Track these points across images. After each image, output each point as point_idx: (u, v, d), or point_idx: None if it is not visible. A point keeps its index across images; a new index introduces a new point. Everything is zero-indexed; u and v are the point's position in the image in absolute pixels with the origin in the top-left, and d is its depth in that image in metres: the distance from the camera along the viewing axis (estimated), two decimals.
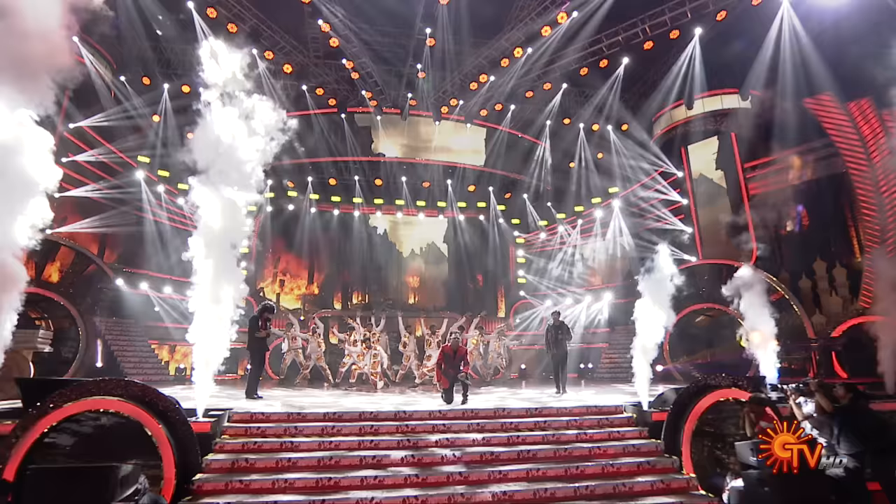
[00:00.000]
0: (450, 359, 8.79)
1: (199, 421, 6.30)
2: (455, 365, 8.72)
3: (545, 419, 7.39)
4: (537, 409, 7.71)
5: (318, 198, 22.08)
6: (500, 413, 7.53)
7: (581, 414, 7.73)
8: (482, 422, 7.21)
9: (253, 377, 9.28)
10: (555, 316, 10.91)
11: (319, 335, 13.89)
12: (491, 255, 23.18)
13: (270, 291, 22.05)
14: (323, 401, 9.29)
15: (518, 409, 7.72)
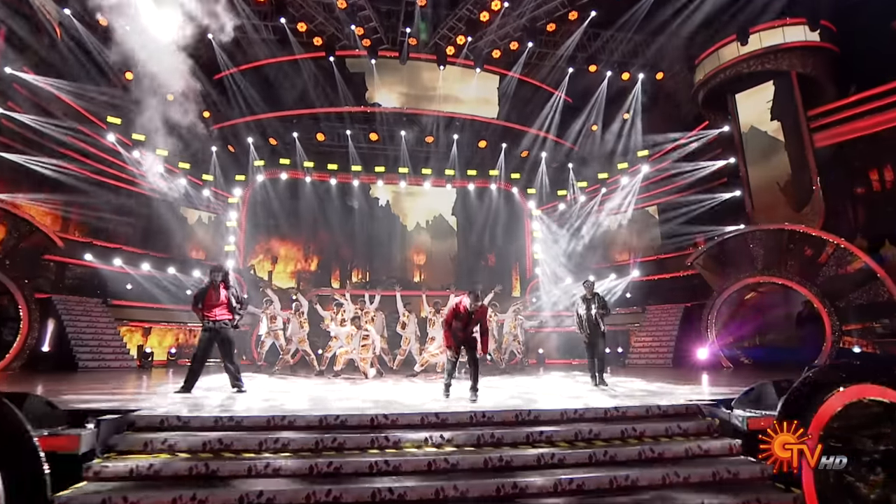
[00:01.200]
0: (461, 318, 6.49)
1: (58, 434, 4.01)
2: (467, 329, 6.51)
3: (590, 427, 5.04)
4: (577, 412, 5.36)
5: (312, 165, 19.69)
6: (524, 418, 5.20)
7: (639, 418, 5.39)
8: (499, 431, 4.89)
9: (193, 364, 7.02)
10: (588, 286, 8.46)
11: (302, 314, 11.59)
12: (504, 228, 20.68)
13: (262, 269, 19.85)
14: (280, 396, 7.01)
15: (550, 411, 5.36)
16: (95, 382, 8.55)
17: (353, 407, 5.55)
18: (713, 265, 13.54)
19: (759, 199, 13.94)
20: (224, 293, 7.17)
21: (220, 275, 7.24)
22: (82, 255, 15.42)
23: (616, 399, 6.22)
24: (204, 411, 5.13)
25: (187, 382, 6.87)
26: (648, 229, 18.84)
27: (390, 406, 5.66)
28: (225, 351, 7.08)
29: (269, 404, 5.88)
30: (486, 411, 5.21)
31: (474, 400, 6.01)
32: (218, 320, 7.00)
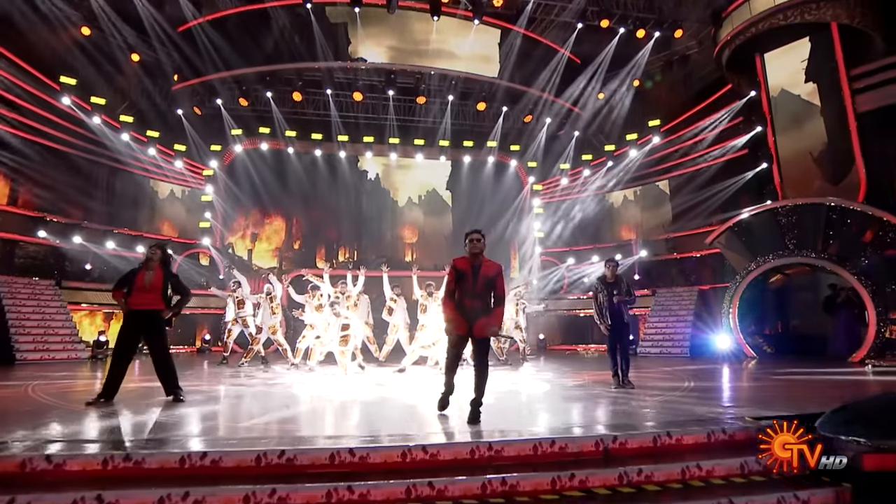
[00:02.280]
0: (467, 278, 4.57)
1: None
2: (479, 294, 4.55)
3: (639, 467, 3.56)
4: (618, 441, 3.86)
5: (295, 135, 17.89)
6: (545, 450, 3.69)
7: (700, 450, 3.92)
8: (514, 476, 3.39)
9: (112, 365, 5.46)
10: (610, 267, 6.98)
11: (274, 299, 10.03)
12: (502, 204, 19.05)
13: (242, 247, 18.21)
14: (225, 406, 5.52)
15: (580, 439, 3.85)
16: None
17: (311, 431, 4.04)
18: (738, 245, 12.05)
19: (788, 171, 12.39)
20: (160, 277, 5.59)
21: (158, 254, 5.66)
22: (35, 231, 13.73)
23: (651, 412, 4.74)
24: (92, 436, 3.58)
25: (106, 388, 5.33)
26: (658, 206, 17.31)
27: (367, 423, 4.17)
28: (154, 346, 5.53)
29: (204, 425, 4.36)
30: (495, 443, 3.69)
31: (476, 420, 4.45)
32: (144, 309, 5.42)
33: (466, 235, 4.79)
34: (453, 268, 4.73)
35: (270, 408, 5.24)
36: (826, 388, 6.60)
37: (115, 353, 5.41)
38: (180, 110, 16.70)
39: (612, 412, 4.94)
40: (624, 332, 6.83)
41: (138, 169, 16.38)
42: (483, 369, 4.60)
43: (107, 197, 15.90)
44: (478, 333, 4.56)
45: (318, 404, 5.67)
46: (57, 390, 6.46)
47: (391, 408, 5.37)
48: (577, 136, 18.36)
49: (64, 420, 4.42)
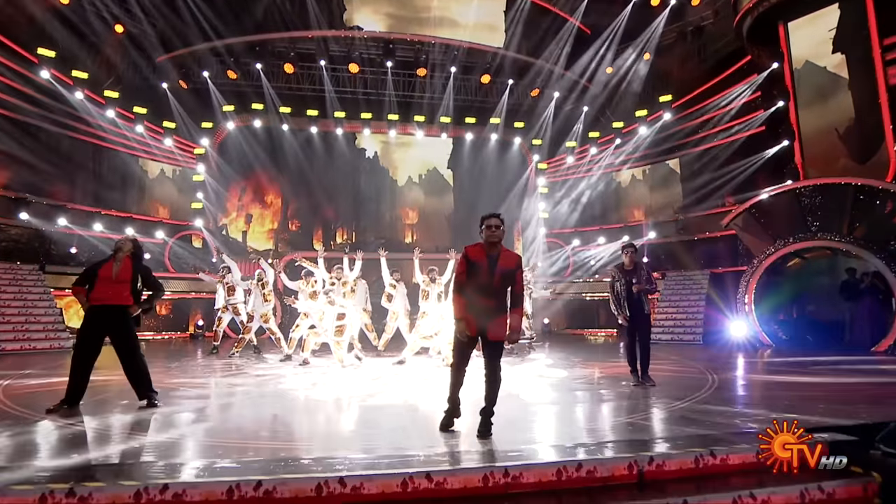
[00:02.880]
0: (481, 271, 3.91)
1: None
2: (495, 291, 3.91)
3: (684, 501, 3.00)
4: (655, 463, 3.29)
5: (289, 111, 17.04)
6: (570, 475, 3.12)
7: (751, 470, 3.38)
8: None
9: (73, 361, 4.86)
10: (628, 253, 6.36)
11: (266, 285, 9.41)
12: (505, 183, 18.30)
13: (235, 229, 17.54)
14: (210, 410, 4.97)
15: (609, 461, 3.27)
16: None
17: (297, 444, 3.45)
18: (755, 227, 11.40)
19: (811, 149, 11.66)
20: (128, 268, 4.96)
21: (129, 245, 5.07)
22: (16, 213, 13.06)
23: (682, 420, 4.15)
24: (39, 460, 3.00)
25: (69, 393, 4.75)
26: (668, 186, 16.60)
27: (361, 436, 3.59)
28: (121, 346, 4.93)
29: (175, 441, 3.78)
30: (512, 468, 3.11)
31: (487, 433, 3.84)
32: (109, 304, 4.81)
33: (482, 220, 4.09)
34: (465, 257, 4.04)
35: (255, 416, 4.66)
36: (867, 388, 6.03)
37: (77, 354, 4.82)
38: (165, 83, 15.82)
39: (638, 421, 4.36)
40: (643, 324, 6.24)
41: (125, 147, 15.63)
42: (495, 376, 3.96)
43: (92, 177, 15.18)
44: (493, 337, 3.93)
45: (309, 410, 5.11)
46: (26, 391, 5.89)
47: (390, 414, 4.79)
48: (586, 111, 17.47)
49: (14, 434, 3.84)
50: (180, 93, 16.26)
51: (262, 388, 6.14)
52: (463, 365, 4.07)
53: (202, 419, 4.63)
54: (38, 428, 4.10)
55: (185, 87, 16.38)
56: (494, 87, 17.62)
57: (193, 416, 4.73)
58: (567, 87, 17.39)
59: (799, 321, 12.47)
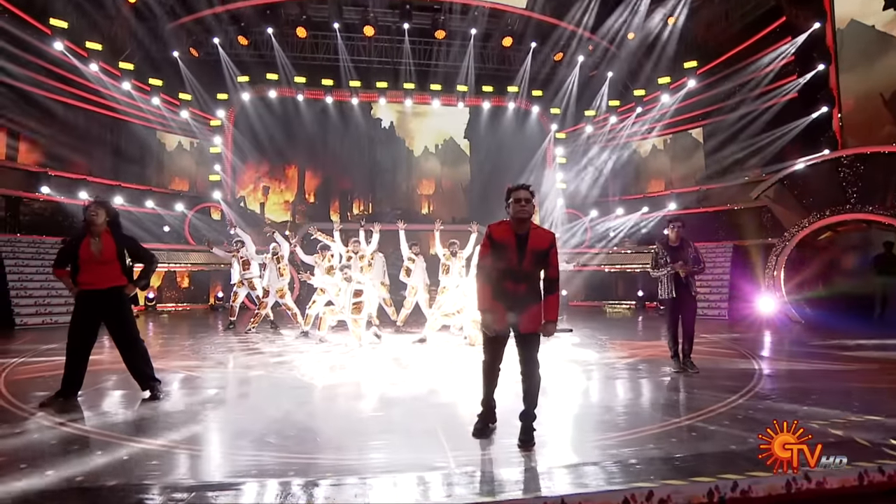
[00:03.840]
0: (507, 251, 3.26)
1: None
2: (526, 274, 3.28)
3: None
4: (741, 491, 2.57)
5: (304, 81, 16.08)
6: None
7: (849, 494, 2.69)
8: None
9: (67, 350, 4.27)
10: (675, 229, 5.61)
11: (282, 259, 8.77)
12: (523, 153, 17.28)
13: (253, 201, 16.89)
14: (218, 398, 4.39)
15: (685, 488, 2.59)
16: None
17: (302, 454, 2.81)
18: (788, 199, 10.42)
19: (851, 116, 10.53)
20: (110, 244, 4.26)
21: (101, 215, 4.27)
22: (38, 187, 12.52)
23: (747, 424, 3.44)
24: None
25: (65, 385, 4.18)
26: (689, 156, 15.49)
27: (377, 443, 2.94)
28: (117, 332, 4.34)
29: (167, 450, 3.18)
30: (571, 497, 2.44)
31: (530, 442, 3.19)
32: (99, 288, 4.16)
33: (509, 192, 3.40)
34: (489, 237, 3.35)
35: (263, 414, 3.98)
36: None
37: (71, 343, 4.23)
38: (176, 52, 14.92)
39: (698, 423, 3.65)
40: (690, 305, 5.51)
41: (142, 120, 14.89)
42: (533, 374, 3.31)
43: (111, 150, 14.54)
44: (525, 328, 3.27)
45: (322, 404, 4.49)
46: (31, 374, 5.38)
47: (410, 410, 4.14)
48: (609, 78, 16.20)
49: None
50: (193, 63, 15.37)
51: (275, 373, 5.55)
52: (496, 362, 3.43)
53: (204, 419, 4.02)
54: (26, 428, 3.52)
55: (197, 55, 15.47)
56: (514, 55, 16.43)
57: (195, 411, 4.11)
58: (590, 53, 16.11)
59: (826, 297, 11.58)
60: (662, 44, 15.18)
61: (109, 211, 4.38)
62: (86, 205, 4.38)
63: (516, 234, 3.28)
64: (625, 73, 16.29)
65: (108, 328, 4.33)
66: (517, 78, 16.53)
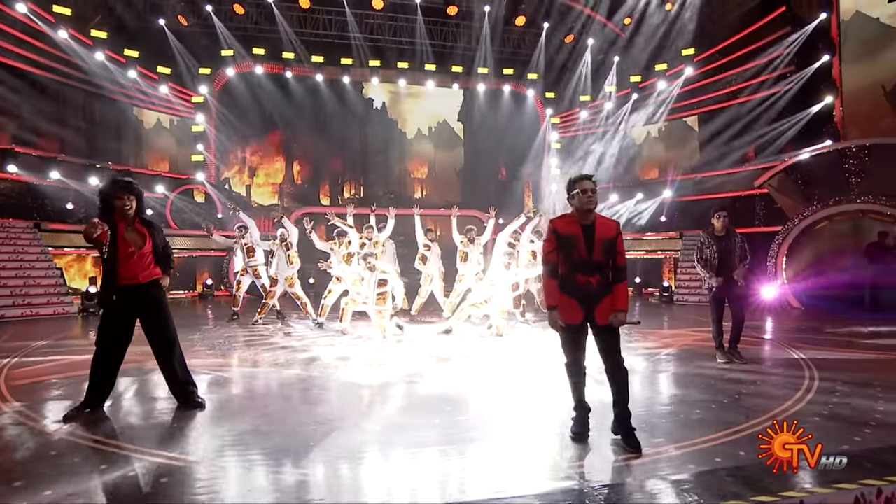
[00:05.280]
0: (577, 246, 3.10)
1: None
2: (597, 266, 3.11)
3: None
4: (885, 497, 2.48)
5: (293, 57, 15.29)
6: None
7: None
8: None
9: (98, 355, 3.78)
10: (721, 218, 5.55)
11: (290, 246, 8.31)
12: (517, 138, 17.07)
13: (238, 182, 16.09)
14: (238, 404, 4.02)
15: (832, 497, 2.44)
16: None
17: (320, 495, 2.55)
18: (792, 188, 10.61)
19: (852, 107, 10.74)
20: (145, 234, 3.79)
21: (133, 202, 3.74)
22: (3, 166, 11.49)
23: (822, 410, 3.38)
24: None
25: (91, 395, 3.72)
26: (684, 143, 15.62)
27: (427, 471, 2.69)
28: (157, 332, 3.86)
29: (234, 449, 2.84)
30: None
31: (635, 441, 3.02)
32: (138, 283, 3.72)
33: (572, 183, 3.23)
34: (553, 232, 3.18)
35: (273, 427, 3.50)
36: None
37: (103, 348, 3.71)
38: (162, 20, 13.89)
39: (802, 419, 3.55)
40: (738, 294, 5.50)
41: (118, 95, 13.85)
42: (620, 367, 3.18)
43: (85, 126, 13.47)
44: (603, 320, 3.13)
45: (344, 412, 3.88)
46: (33, 377, 4.87)
47: (490, 415, 3.89)
48: (608, 62, 16.07)
49: (23, 461, 2.86)
50: (177, 33, 14.32)
51: (313, 372, 5.22)
52: (580, 360, 3.27)
53: (277, 426, 3.67)
54: (55, 448, 3.07)
55: (186, 24, 14.43)
56: (512, 37, 16.08)
57: (259, 418, 3.76)
58: (595, 36, 15.92)
59: (820, 284, 11.94)
60: (660, 30, 15.12)
61: (140, 195, 3.90)
62: (109, 190, 3.78)
63: (582, 226, 3.14)
64: (622, 58, 16.16)
65: (146, 327, 3.84)
66: (534, 62, 16.22)
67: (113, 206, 3.67)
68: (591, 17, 15.62)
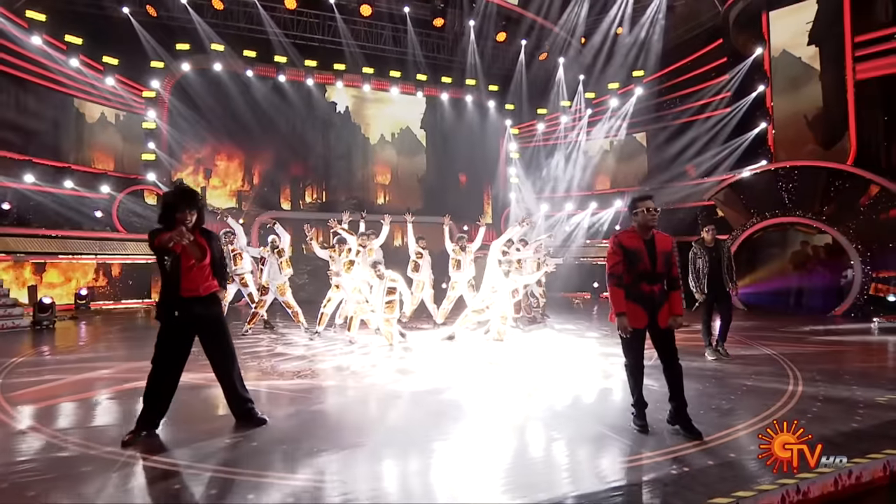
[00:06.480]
0: (641, 258, 3.59)
1: None
2: (659, 276, 3.62)
3: None
4: None
5: (254, 55, 14.83)
6: (844, 485, 2.92)
7: None
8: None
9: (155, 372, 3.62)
10: (710, 231, 6.36)
11: (284, 252, 8.19)
12: (478, 147, 17.66)
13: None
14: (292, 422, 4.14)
15: (867, 466, 3.07)
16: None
17: None
18: (736, 201, 11.99)
19: (781, 133, 12.34)
20: (205, 245, 3.68)
21: (192, 212, 3.59)
22: None
23: (830, 393, 4.12)
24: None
25: (147, 416, 3.57)
26: (634, 158, 16.95)
27: (560, 445, 3.05)
28: (220, 345, 3.79)
29: (314, 466, 2.99)
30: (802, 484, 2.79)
31: (696, 431, 3.49)
32: (200, 296, 3.65)
33: (635, 202, 3.76)
34: (619, 245, 3.69)
35: (363, 438, 3.62)
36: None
37: (162, 366, 3.60)
38: (126, 8, 12.98)
39: (812, 411, 4.22)
40: (726, 299, 6.32)
41: (56, 84, 12.69)
42: (677, 365, 3.69)
43: (19, 119, 12.21)
44: (663, 324, 3.66)
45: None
46: (50, 399, 4.56)
47: (544, 417, 4.24)
48: (565, 77, 17.10)
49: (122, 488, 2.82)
50: (127, 24, 13.37)
51: (347, 381, 5.30)
52: (640, 360, 3.78)
53: (347, 438, 3.77)
54: (177, 481, 2.96)
55: (155, 15, 13.55)
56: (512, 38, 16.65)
57: (324, 430, 3.84)
58: (554, 52, 16.88)
59: (759, 286, 13.51)
60: (614, 51, 16.37)
61: (202, 209, 3.72)
62: (173, 201, 3.58)
63: (644, 240, 3.66)
64: (579, 74, 17.24)
65: (206, 342, 3.74)
66: (475, 71, 16.80)
67: (174, 217, 3.57)
68: (552, 31, 16.57)
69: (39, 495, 2.66)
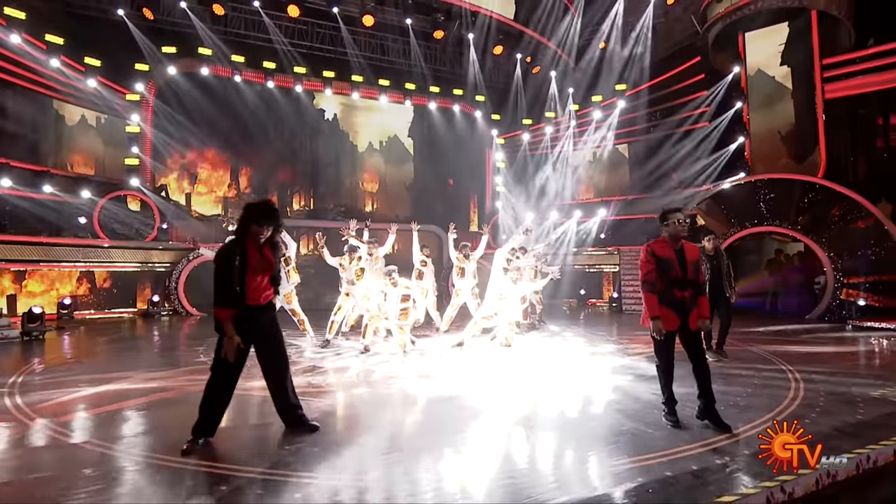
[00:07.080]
0: (672, 266, 3.94)
1: None
2: (690, 282, 3.96)
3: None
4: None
5: (243, 60, 14.76)
6: (865, 468, 3.29)
7: None
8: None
9: (214, 380, 3.69)
10: (711, 240, 6.85)
11: (291, 260, 8.23)
12: (464, 155, 17.99)
13: (177, 190, 14.98)
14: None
15: (880, 452, 3.47)
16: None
17: None
18: (717, 211, 12.69)
19: (757, 147, 13.15)
20: (269, 252, 3.76)
21: (269, 229, 3.66)
22: None
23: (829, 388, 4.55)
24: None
25: (204, 423, 3.63)
26: (617, 168, 17.63)
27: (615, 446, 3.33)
28: (275, 353, 3.88)
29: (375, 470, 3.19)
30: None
31: (724, 424, 3.85)
32: (259, 304, 3.71)
33: (667, 214, 4.12)
34: (652, 254, 4.04)
35: (414, 442, 3.91)
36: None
37: (220, 373, 3.65)
38: (121, 10, 12.77)
39: (819, 406, 4.64)
40: (725, 304, 6.77)
41: (34, 84, 12.33)
42: (705, 364, 4.05)
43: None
44: (693, 326, 4.03)
45: (398, 441, 3.81)
46: (67, 412, 4.54)
47: (581, 418, 4.52)
48: (553, 89, 17.69)
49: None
50: (117, 26, 13.13)
51: (379, 388, 5.44)
52: (671, 361, 4.14)
53: (399, 443, 3.93)
54: (255, 486, 3.07)
55: (152, 17, 13.34)
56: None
57: (372, 437, 3.99)
58: (546, 63, 17.47)
59: (739, 291, 14.27)
60: (602, 66, 17.06)
61: (279, 227, 3.76)
62: (252, 214, 3.63)
63: (675, 250, 4.02)
64: (564, 87, 17.85)
65: (261, 350, 3.81)
66: (463, 80, 17.19)
67: (249, 229, 3.65)
68: (542, 44, 17.15)
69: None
